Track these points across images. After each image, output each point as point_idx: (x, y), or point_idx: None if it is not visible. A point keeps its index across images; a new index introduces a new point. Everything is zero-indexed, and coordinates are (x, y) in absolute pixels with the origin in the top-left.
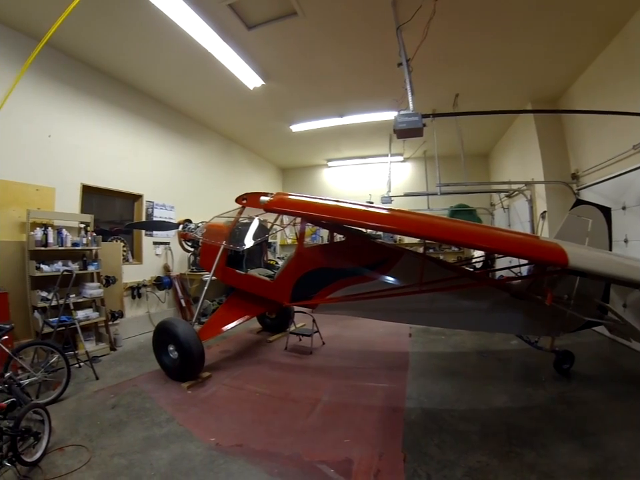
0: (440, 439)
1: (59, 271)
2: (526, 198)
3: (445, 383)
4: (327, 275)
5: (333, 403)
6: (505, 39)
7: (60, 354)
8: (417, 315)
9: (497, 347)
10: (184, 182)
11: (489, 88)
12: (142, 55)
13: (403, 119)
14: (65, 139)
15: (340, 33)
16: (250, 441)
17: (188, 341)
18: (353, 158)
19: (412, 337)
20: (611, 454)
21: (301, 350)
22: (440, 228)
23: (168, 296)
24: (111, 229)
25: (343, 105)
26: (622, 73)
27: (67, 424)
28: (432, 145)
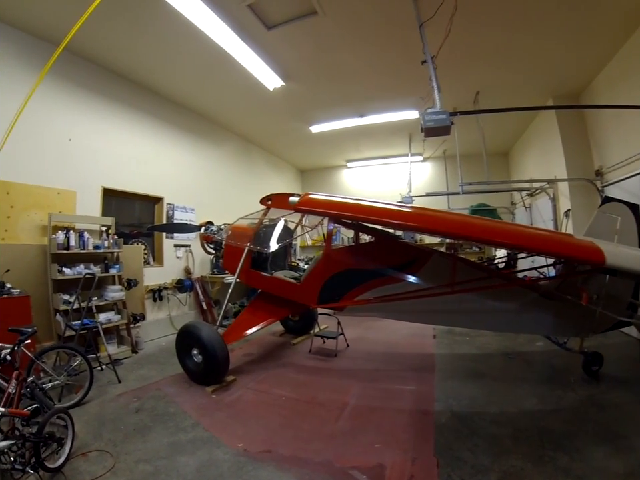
0: (472, 442)
1: (81, 274)
2: (549, 196)
3: (472, 385)
4: (355, 276)
5: (361, 406)
6: (525, 34)
7: (82, 357)
8: (445, 316)
9: (523, 348)
10: (204, 184)
11: (509, 84)
12: (161, 58)
13: (431, 117)
14: (85, 142)
15: (360, 31)
16: (278, 447)
17: (212, 344)
18: (372, 158)
19: (436, 338)
20: None
21: (326, 352)
22: (478, 228)
23: (189, 298)
24: (132, 232)
25: (363, 105)
26: None
27: (90, 428)
28: (451, 144)
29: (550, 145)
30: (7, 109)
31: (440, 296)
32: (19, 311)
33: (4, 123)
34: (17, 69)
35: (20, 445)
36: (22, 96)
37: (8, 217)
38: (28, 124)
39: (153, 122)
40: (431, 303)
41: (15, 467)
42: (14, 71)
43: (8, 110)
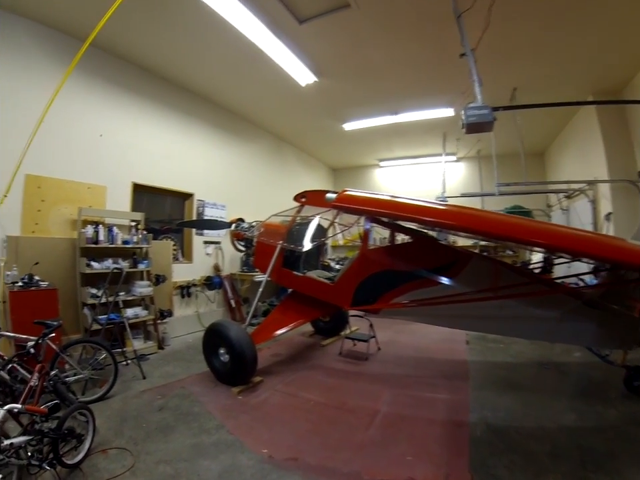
0: (508, 459)
1: (109, 269)
2: (588, 198)
3: (508, 396)
4: (392, 278)
5: (392, 414)
6: (565, 27)
7: (107, 352)
8: (485, 322)
9: (559, 358)
10: (235, 181)
11: (547, 81)
12: (190, 53)
13: (473, 112)
14: (116, 138)
15: (394, 26)
16: (305, 454)
17: (241, 344)
18: (405, 158)
19: (469, 344)
20: None
21: (356, 355)
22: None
23: (218, 296)
24: (162, 228)
25: (397, 102)
26: None
27: (111, 424)
28: (486, 144)
29: (590, 145)
30: (38, 105)
31: (480, 301)
32: (47, 304)
33: (35, 119)
34: (47, 66)
35: (38, 441)
36: (52, 92)
37: (39, 210)
38: (59, 119)
39: (183, 118)
40: (469, 309)
41: (32, 462)
42: (43, 68)
43: (39, 106)
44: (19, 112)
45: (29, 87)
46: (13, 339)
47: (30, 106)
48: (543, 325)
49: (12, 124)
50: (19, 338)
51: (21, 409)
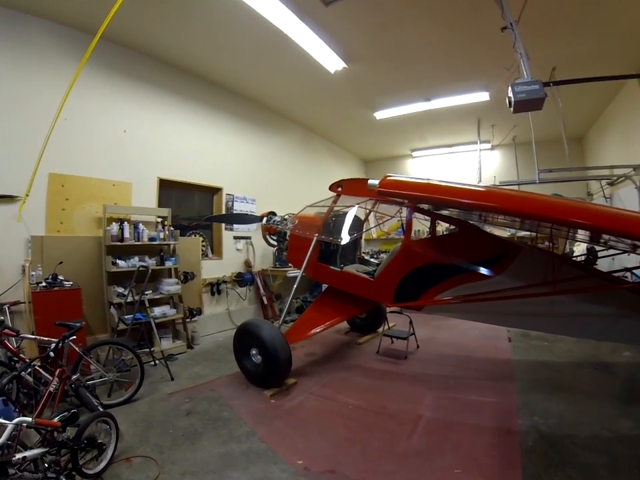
0: (564, 473)
1: (135, 267)
2: (635, 185)
3: (558, 400)
4: (437, 272)
5: (436, 420)
6: (606, 2)
7: (133, 354)
8: (535, 320)
9: (608, 358)
10: (265, 174)
11: (588, 58)
12: (213, 44)
13: (522, 89)
14: (140, 133)
15: (426, 3)
16: (344, 466)
17: (274, 345)
18: (438, 147)
19: (511, 342)
20: None
21: (395, 354)
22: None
23: (249, 293)
24: (190, 224)
25: (429, 88)
26: None
27: (137, 429)
28: (521, 130)
29: (635, 126)
30: (58, 104)
31: (531, 297)
32: (70, 304)
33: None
34: (65, 64)
35: (56, 452)
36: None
37: (63, 209)
38: (81, 117)
39: (209, 111)
40: (519, 305)
41: (48, 475)
42: (62, 66)
43: (56, 103)
44: (40, 111)
45: (49, 86)
46: (36, 341)
47: (50, 105)
48: (599, 322)
49: (33, 124)
50: (41, 340)
51: (30, 422)
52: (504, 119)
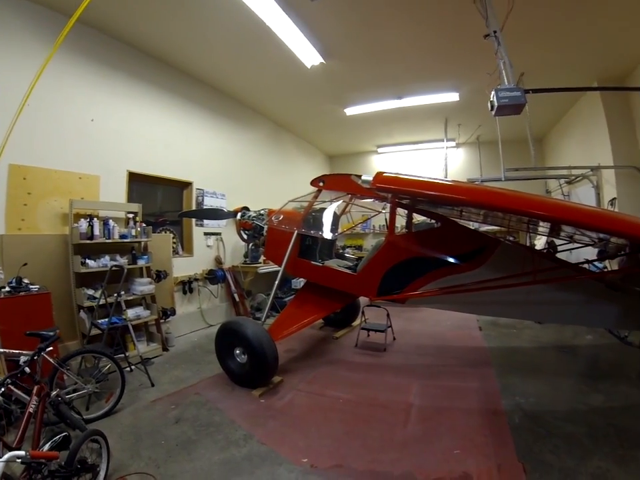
0: (552, 444)
1: (107, 266)
2: (592, 184)
3: (534, 381)
4: (420, 265)
5: (426, 407)
6: (575, 13)
7: (113, 362)
8: (513, 308)
9: (572, 341)
10: (235, 169)
11: (554, 66)
12: (192, 34)
13: (505, 94)
14: (109, 123)
15: (410, 5)
16: (349, 460)
17: (261, 343)
18: (404, 144)
19: (483, 331)
20: None
21: (374, 347)
22: (576, 211)
23: (220, 290)
24: (158, 220)
25: (402, 86)
26: None
27: (125, 444)
28: (485, 129)
29: (594, 130)
30: (20, 87)
31: (509, 287)
32: (40, 311)
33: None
34: (33, 45)
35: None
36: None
37: (25, 204)
38: (46, 103)
39: (181, 102)
40: (499, 295)
41: None
42: (30, 47)
43: (22, 88)
44: (3, 96)
45: (14, 69)
46: (3, 355)
47: (15, 90)
48: (569, 308)
49: None
50: (10, 353)
51: (24, 456)
52: (470, 119)
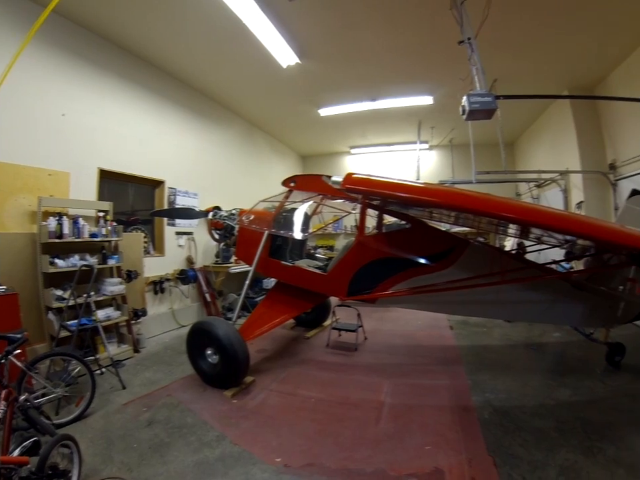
0: (521, 437)
1: (76, 266)
2: (560, 188)
3: (504, 377)
4: (391, 265)
5: (398, 405)
6: (549, 24)
7: (83, 365)
8: (483, 307)
9: (540, 339)
10: (208, 168)
11: (526, 74)
12: (169, 29)
13: (477, 100)
14: (81, 118)
15: (389, 9)
16: (322, 458)
17: (232, 343)
18: (377, 145)
19: (454, 330)
20: None
21: (345, 346)
22: (545, 215)
23: (192, 290)
24: (129, 218)
25: (377, 88)
26: None
27: (97, 449)
28: (458, 132)
29: (563, 137)
30: None
31: (479, 287)
32: (6, 312)
33: None
34: (4, 34)
35: None
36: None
37: None
38: (16, 95)
39: (155, 99)
40: (468, 294)
41: None
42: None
43: None
44: None
45: None
46: None
47: None
48: (537, 307)
49: None
50: None
51: None
52: (443, 122)
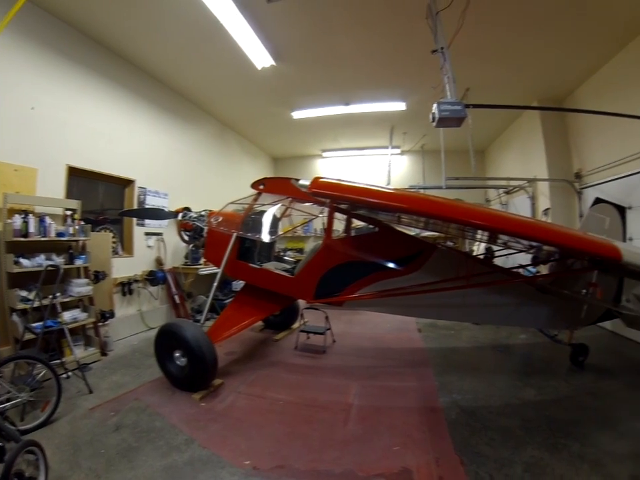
0: (487, 436)
1: (42, 266)
2: (528, 194)
3: (471, 378)
4: (358, 269)
5: (366, 406)
6: (525, 37)
7: (49, 369)
8: (450, 310)
9: (507, 341)
10: (179, 168)
11: (498, 84)
12: (146, 25)
13: (446, 107)
14: (51, 112)
15: (366, 16)
16: (291, 460)
17: (200, 345)
18: (349, 149)
19: (422, 332)
20: None
21: (313, 349)
22: (511, 222)
23: (161, 292)
24: (97, 218)
25: (350, 93)
26: (634, 78)
27: (64, 455)
28: (430, 138)
29: (532, 146)
30: None
31: (445, 291)
32: None
33: None
34: None
35: None
36: None
37: None
38: None
39: (127, 95)
40: (435, 298)
41: None
42: None
43: None
44: None
45: None
46: None
47: None
48: (503, 310)
49: None
50: None
51: None
52: (415, 128)
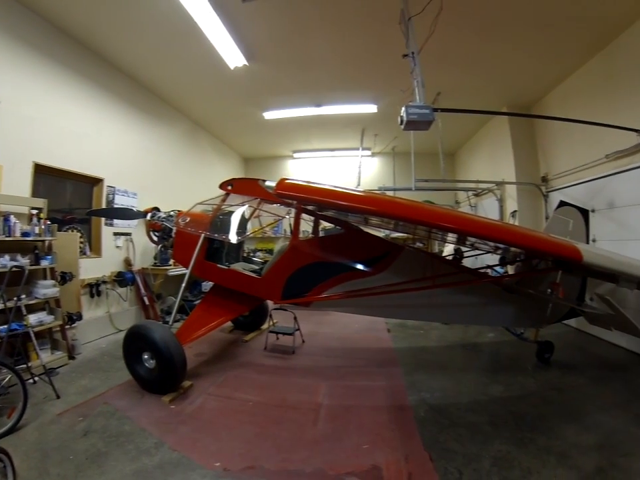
0: (456, 433)
1: (6, 267)
2: (496, 197)
3: (439, 377)
4: (324, 269)
5: (335, 406)
6: (495, 44)
7: (14, 374)
8: (417, 311)
9: (475, 339)
10: (148, 167)
11: (469, 89)
12: (117, 19)
13: (414, 111)
14: (18, 107)
15: (340, 18)
16: (261, 461)
17: (168, 347)
18: (321, 150)
19: (391, 332)
20: (609, 430)
21: (283, 350)
22: (478, 224)
23: (130, 293)
24: (64, 217)
25: (322, 94)
26: (599, 88)
27: (32, 462)
28: (401, 141)
29: (500, 150)
30: None
31: (412, 291)
32: None
33: None
34: None
35: None
36: None
37: None
38: None
39: (97, 91)
40: (402, 298)
41: None
42: None
43: None
44: None
45: None
46: None
47: None
48: (470, 310)
49: None
50: None
51: None
52: (387, 130)
